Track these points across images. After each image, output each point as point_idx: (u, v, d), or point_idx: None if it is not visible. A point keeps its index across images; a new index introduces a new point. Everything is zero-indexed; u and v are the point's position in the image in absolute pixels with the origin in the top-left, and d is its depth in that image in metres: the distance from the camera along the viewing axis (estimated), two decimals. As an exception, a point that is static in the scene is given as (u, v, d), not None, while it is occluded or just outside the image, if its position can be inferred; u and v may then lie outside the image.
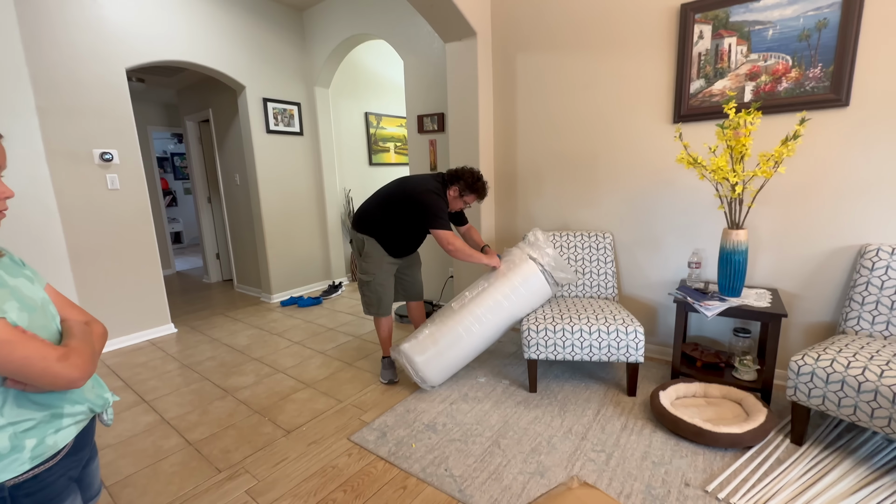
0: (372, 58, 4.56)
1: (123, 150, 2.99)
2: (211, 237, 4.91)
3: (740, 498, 1.42)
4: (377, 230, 2.22)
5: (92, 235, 2.89)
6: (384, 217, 2.20)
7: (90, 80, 2.82)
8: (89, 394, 0.83)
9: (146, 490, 1.60)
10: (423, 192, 2.14)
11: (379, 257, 2.24)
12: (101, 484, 0.97)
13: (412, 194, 2.15)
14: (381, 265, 2.25)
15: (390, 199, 2.21)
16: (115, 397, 0.93)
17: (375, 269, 2.24)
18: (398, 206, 2.18)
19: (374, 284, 2.26)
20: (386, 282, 2.29)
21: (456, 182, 2.20)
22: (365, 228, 2.24)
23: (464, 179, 2.19)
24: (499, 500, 1.46)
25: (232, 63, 3.53)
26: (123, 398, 2.30)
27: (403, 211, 2.17)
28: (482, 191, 2.23)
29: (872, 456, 1.58)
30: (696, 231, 2.30)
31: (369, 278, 2.25)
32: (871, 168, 1.86)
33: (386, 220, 2.20)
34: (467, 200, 2.25)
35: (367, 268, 2.25)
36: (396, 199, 2.19)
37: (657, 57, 2.26)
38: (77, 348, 0.75)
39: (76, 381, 0.72)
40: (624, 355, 2.01)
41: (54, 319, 0.80)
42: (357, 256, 2.30)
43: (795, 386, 1.61)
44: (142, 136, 5.19)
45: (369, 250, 2.23)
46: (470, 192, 2.21)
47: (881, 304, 1.76)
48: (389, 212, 2.19)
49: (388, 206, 2.21)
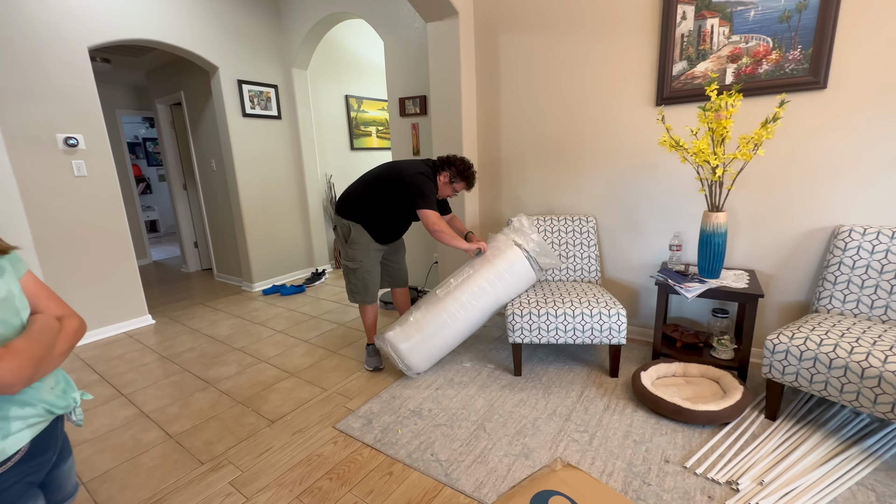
0: (351, 38, 4.42)
1: (89, 134, 2.85)
2: (188, 225, 4.76)
3: (717, 472, 1.46)
4: (363, 215, 2.17)
5: (59, 225, 2.76)
6: (371, 201, 2.16)
7: (50, 61, 2.65)
8: (47, 394, 0.77)
9: (126, 485, 1.57)
10: (414, 173, 2.10)
11: (366, 244, 2.20)
12: (78, 483, 0.93)
13: (401, 176, 2.11)
14: (367, 252, 2.21)
15: (378, 183, 2.16)
16: (86, 395, 0.88)
17: (362, 256, 2.20)
18: (386, 190, 2.13)
19: (361, 272, 2.22)
20: (373, 269, 2.26)
21: (447, 168, 2.19)
22: (350, 214, 2.19)
23: (455, 166, 2.19)
24: (484, 482, 1.48)
25: (203, 43, 3.37)
26: (100, 392, 2.24)
27: (392, 194, 2.12)
28: (471, 179, 2.23)
29: (841, 428, 1.65)
30: (678, 214, 2.33)
31: (356, 265, 2.21)
32: (846, 150, 1.89)
33: (373, 205, 2.16)
34: (456, 188, 2.24)
35: (354, 255, 2.20)
36: (385, 181, 2.14)
37: (641, 38, 2.24)
38: (18, 349, 0.67)
39: (8, 386, 0.64)
40: (607, 338, 2.04)
41: (19, 314, 0.74)
42: (342, 243, 2.25)
43: (770, 364, 1.66)
44: (110, 120, 4.95)
45: (356, 237, 2.19)
46: (460, 179, 2.20)
47: (852, 284, 1.82)
48: (377, 195, 2.15)
49: (375, 189, 2.16)
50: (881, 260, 1.77)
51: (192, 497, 1.49)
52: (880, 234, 1.79)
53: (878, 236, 1.79)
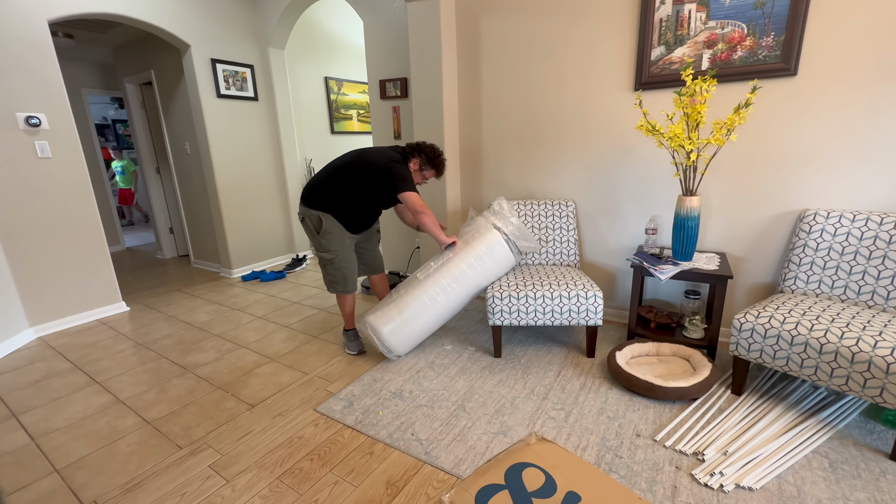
0: (330, 17, 4.30)
1: (52, 113, 2.71)
2: (163, 210, 4.62)
3: (685, 444, 1.53)
4: (334, 205, 2.13)
5: (23, 208, 2.64)
6: (342, 190, 2.11)
7: (6, 34, 2.50)
8: None
9: (102, 470, 1.55)
10: (387, 161, 2.08)
11: (339, 233, 2.17)
12: None
13: (374, 164, 2.08)
14: (342, 241, 2.18)
15: (348, 171, 2.11)
16: None
17: (337, 245, 2.17)
18: (358, 178, 2.10)
19: (338, 261, 2.19)
20: (349, 257, 2.23)
21: (417, 155, 2.17)
22: (320, 204, 2.14)
23: (425, 153, 2.17)
24: (463, 459, 1.52)
25: (173, 18, 3.23)
26: (73, 380, 2.19)
27: (364, 182, 2.09)
28: (441, 167, 2.22)
29: (801, 401, 1.74)
30: (654, 198, 2.38)
31: (331, 256, 2.18)
32: (814, 136, 1.95)
33: (344, 194, 2.12)
34: (426, 175, 2.22)
35: (328, 245, 2.16)
36: (356, 170, 2.10)
37: (620, 22, 2.25)
38: None
39: None
40: (584, 319, 2.09)
41: None
42: (313, 235, 2.19)
43: (737, 342, 1.73)
44: (75, 99, 4.73)
45: (328, 227, 2.14)
46: (430, 166, 2.19)
47: (815, 265, 1.90)
48: (348, 184, 2.11)
49: (345, 178, 2.11)
50: (842, 242, 1.86)
51: (170, 481, 1.49)
52: (842, 217, 1.87)
53: (841, 220, 1.87)
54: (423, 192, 2.96)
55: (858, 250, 1.81)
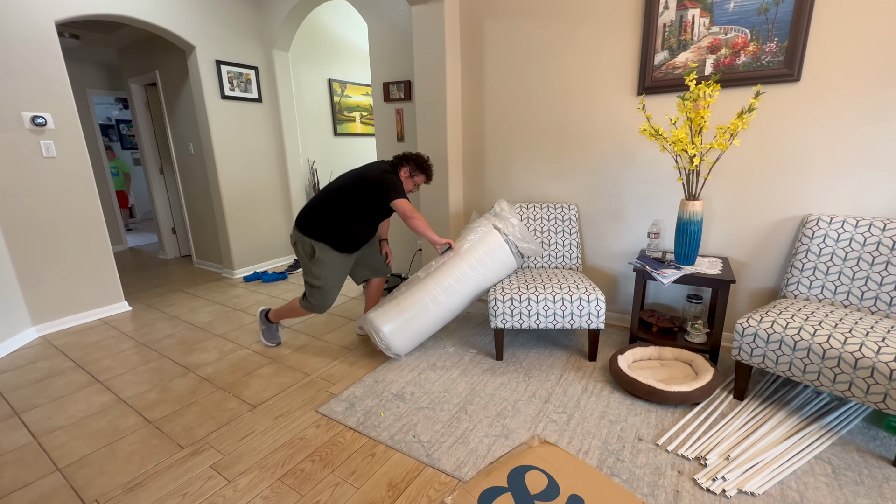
0: (334, 20, 4.32)
1: (58, 113, 2.73)
2: (165, 211, 4.64)
3: (687, 449, 1.53)
4: (331, 230, 2.14)
5: (28, 207, 2.65)
6: (337, 210, 2.13)
7: (14, 35, 2.52)
8: None
9: (104, 469, 1.55)
10: (379, 172, 2.15)
11: (331, 261, 2.18)
12: None
13: (365, 177, 2.14)
14: (333, 270, 2.20)
15: (343, 191, 2.14)
16: None
17: (327, 273, 2.19)
18: (353, 195, 2.13)
19: (325, 289, 2.21)
20: (337, 284, 2.24)
21: (406, 163, 2.24)
22: (315, 231, 2.16)
23: (413, 161, 2.25)
24: (465, 461, 1.52)
25: (179, 20, 3.25)
26: (75, 379, 2.19)
27: (358, 196, 2.12)
28: (430, 172, 2.29)
29: (803, 407, 1.74)
30: (656, 202, 2.38)
31: (319, 283, 2.20)
32: (817, 142, 1.96)
33: (340, 214, 2.13)
34: (417, 181, 2.29)
35: (318, 272, 2.18)
36: (350, 187, 2.14)
37: (624, 27, 2.26)
38: None
39: None
40: (586, 323, 2.09)
41: None
42: (305, 261, 2.22)
43: (740, 346, 1.73)
44: (81, 99, 4.76)
45: (321, 256, 2.17)
46: (420, 172, 2.26)
47: (818, 270, 1.90)
48: (344, 204, 2.13)
49: (341, 198, 2.13)
50: (845, 248, 1.85)
51: (172, 480, 1.49)
52: (845, 223, 1.87)
53: (843, 225, 1.87)
54: (426, 195, 2.97)
55: (861, 256, 1.81)
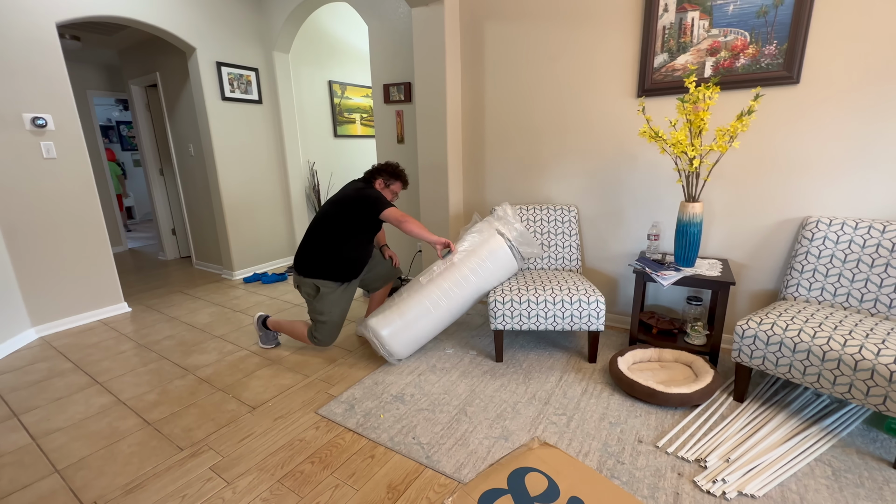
0: (335, 22, 4.33)
1: (59, 115, 2.73)
2: (165, 212, 4.64)
3: (687, 451, 1.53)
4: (331, 264, 2.16)
5: (28, 209, 2.65)
6: (332, 243, 2.14)
7: (15, 36, 2.53)
8: None
9: (102, 471, 1.55)
10: (355, 191, 2.16)
11: (334, 295, 2.20)
12: None
13: (345, 201, 2.15)
14: (337, 303, 2.22)
15: (329, 220, 2.15)
16: None
17: (331, 308, 2.21)
18: (341, 220, 2.14)
19: (330, 323, 2.23)
20: (341, 315, 2.26)
21: (378, 175, 2.27)
22: (316, 271, 2.17)
23: (384, 171, 2.28)
24: (464, 463, 1.51)
25: (180, 22, 3.25)
26: (74, 381, 2.19)
27: (347, 221, 2.13)
28: (404, 176, 2.32)
29: (803, 409, 1.74)
30: (657, 204, 2.38)
31: (325, 319, 2.21)
32: (816, 144, 1.96)
33: (336, 245, 2.15)
34: (394, 189, 2.31)
35: (323, 308, 2.20)
36: (335, 214, 2.15)
37: (623, 29, 2.26)
38: None
39: None
40: (586, 324, 2.09)
41: None
42: (310, 299, 2.23)
43: (740, 348, 1.73)
44: (81, 101, 4.76)
45: (325, 293, 2.19)
46: (394, 179, 2.29)
47: (817, 272, 1.90)
48: (335, 233, 2.14)
49: (331, 228, 2.15)
50: (844, 250, 1.86)
51: (171, 482, 1.48)
52: (844, 225, 1.87)
53: (843, 227, 1.87)
54: (426, 197, 2.97)
55: (861, 258, 1.81)
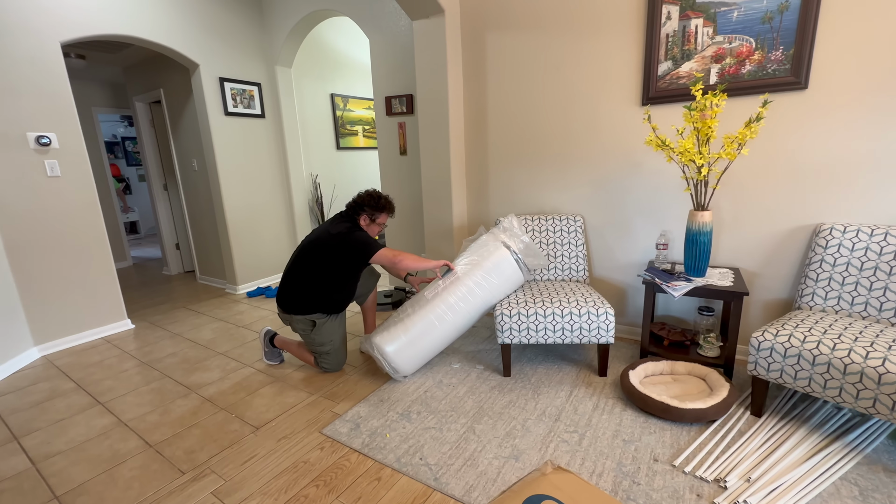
0: (336, 36, 4.36)
1: (63, 133, 2.74)
2: (169, 226, 4.64)
3: (705, 470, 1.47)
4: (321, 303, 2.17)
5: (32, 227, 2.65)
6: (320, 288, 2.14)
7: (20, 56, 2.55)
8: None
9: (102, 497, 1.51)
10: (341, 238, 2.09)
11: (331, 325, 2.21)
12: None
13: (330, 246, 2.10)
14: (335, 329, 2.23)
15: (313, 266, 2.13)
16: None
17: (331, 336, 2.22)
18: (327, 269, 2.12)
19: (333, 351, 2.24)
20: (343, 339, 2.28)
21: (361, 210, 2.19)
22: (307, 308, 2.17)
23: (366, 205, 2.18)
24: (474, 486, 1.46)
25: (183, 39, 3.28)
26: (76, 401, 2.16)
27: (334, 268, 2.12)
28: (389, 205, 2.24)
29: (824, 423, 1.68)
30: (664, 213, 2.34)
31: (328, 348, 2.22)
32: (827, 149, 1.92)
33: (325, 290, 2.15)
34: (380, 222, 2.24)
35: (323, 339, 2.21)
36: (321, 259, 2.11)
37: (626, 38, 2.25)
38: None
39: None
40: (595, 337, 2.04)
41: None
42: (307, 334, 2.22)
43: (756, 361, 1.68)
44: (85, 118, 4.81)
45: (321, 322, 2.19)
46: (378, 211, 2.20)
47: (833, 281, 1.85)
48: (322, 279, 2.14)
49: (317, 275, 2.13)
50: (861, 258, 1.81)
51: (172, 509, 1.44)
52: (860, 232, 1.83)
53: (858, 234, 1.83)
54: (429, 209, 2.95)
55: (878, 265, 1.76)
